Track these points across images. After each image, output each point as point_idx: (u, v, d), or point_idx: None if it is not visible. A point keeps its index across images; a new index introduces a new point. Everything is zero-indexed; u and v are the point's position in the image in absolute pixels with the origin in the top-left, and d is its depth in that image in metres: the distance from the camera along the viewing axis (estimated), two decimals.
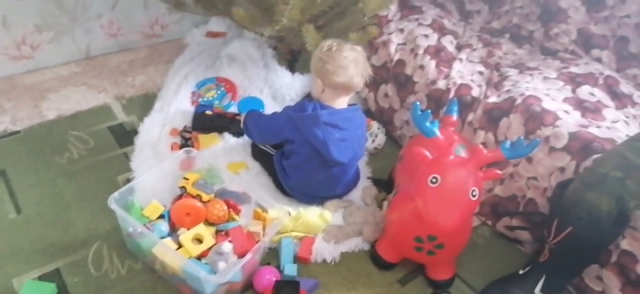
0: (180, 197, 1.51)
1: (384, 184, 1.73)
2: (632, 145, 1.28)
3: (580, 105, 1.62)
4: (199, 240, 1.39)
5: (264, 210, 1.50)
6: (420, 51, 1.84)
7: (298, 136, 1.53)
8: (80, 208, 1.57)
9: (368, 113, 2.01)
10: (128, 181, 1.61)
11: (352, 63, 1.50)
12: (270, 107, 1.93)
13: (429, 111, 1.33)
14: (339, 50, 1.50)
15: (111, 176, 1.69)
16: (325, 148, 1.51)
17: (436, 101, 1.76)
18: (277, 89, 1.97)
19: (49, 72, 2.10)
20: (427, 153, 1.30)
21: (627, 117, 1.62)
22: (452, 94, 1.71)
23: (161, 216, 1.47)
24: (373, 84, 1.97)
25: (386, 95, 1.93)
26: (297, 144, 1.55)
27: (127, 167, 1.70)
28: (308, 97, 1.62)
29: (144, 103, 1.98)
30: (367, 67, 1.55)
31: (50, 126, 1.85)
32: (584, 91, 1.69)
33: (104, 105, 1.98)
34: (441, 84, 1.76)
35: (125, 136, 1.84)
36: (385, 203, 1.61)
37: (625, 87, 1.75)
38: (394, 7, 2.01)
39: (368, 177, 1.75)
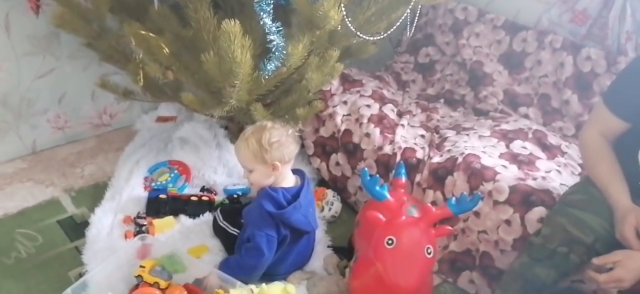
0: (136, 286, 1.47)
1: (345, 251, 1.75)
2: (570, 214, 1.34)
3: (515, 159, 1.75)
4: None
5: (226, 290, 1.48)
6: (365, 120, 1.95)
7: (280, 232, 1.53)
8: None
9: (322, 182, 2.08)
10: (80, 275, 1.55)
11: (286, 132, 1.57)
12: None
13: (377, 175, 1.40)
14: (275, 129, 1.55)
15: (62, 273, 1.62)
16: (307, 226, 1.56)
17: (384, 165, 1.85)
18: (231, 167, 2.00)
19: None
20: (381, 216, 1.36)
21: (558, 166, 1.77)
22: (398, 157, 1.81)
23: None
24: (324, 154, 2.04)
25: (337, 163, 2.01)
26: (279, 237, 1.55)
27: (79, 261, 1.64)
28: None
29: (95, 193, 1.94)
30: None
31: None
32: (517, 146, 1.84)
33: (52, 199, 1.92)
34: (387, 149, 1.86)
35: (75, 229, 1.79)
36: (348, 271, 1.64)
37: (553, 139, 1.92)
38: (335, 82, 2.13)
39: (328, 246, 1.78)
